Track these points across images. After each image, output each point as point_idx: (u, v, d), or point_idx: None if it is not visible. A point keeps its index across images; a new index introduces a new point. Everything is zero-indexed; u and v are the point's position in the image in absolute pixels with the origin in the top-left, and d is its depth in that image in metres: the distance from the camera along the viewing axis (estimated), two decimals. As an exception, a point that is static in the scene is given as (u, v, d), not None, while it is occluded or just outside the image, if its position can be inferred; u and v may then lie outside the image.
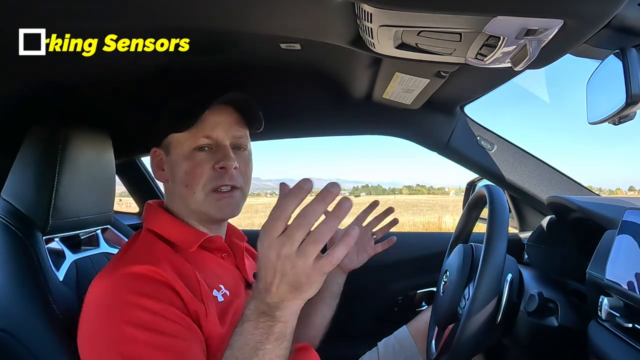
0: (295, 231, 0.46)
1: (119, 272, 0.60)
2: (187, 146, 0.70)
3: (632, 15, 0.58)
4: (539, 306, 0.70)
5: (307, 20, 0.60)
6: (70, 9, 0.54)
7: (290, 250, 0.46)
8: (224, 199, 0.71)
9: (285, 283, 0.47)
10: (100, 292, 0.60)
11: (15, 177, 0.75)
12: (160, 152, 0.75)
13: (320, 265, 0.46)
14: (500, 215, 0.73)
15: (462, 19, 0.49)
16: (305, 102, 1.16)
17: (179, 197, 0.73)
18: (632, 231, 0.58)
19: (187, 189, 0.70)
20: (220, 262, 0.74)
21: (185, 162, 0.70)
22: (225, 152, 0.71)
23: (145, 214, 0.75)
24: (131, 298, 0.57)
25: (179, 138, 0.71)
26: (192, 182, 0.70)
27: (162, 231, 0.71)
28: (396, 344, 1.02)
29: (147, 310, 0.56)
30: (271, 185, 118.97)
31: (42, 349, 0.65)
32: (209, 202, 0.70)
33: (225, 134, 0.72)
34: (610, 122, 0.65)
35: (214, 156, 0.71)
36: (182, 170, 0.70)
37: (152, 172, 0.77)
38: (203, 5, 0.55)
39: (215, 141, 0.71)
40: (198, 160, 0.70)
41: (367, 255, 0.94)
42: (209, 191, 0.70)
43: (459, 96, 1.09)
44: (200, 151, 0.70)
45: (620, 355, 0.54)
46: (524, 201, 1.23)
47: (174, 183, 0.72)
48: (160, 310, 0.57)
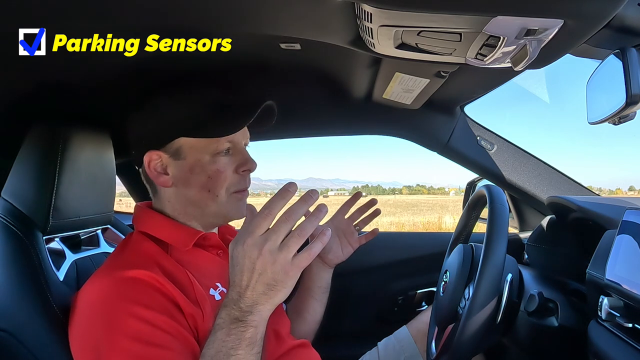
0: (281, 225, 0.51)
1: (112, 276, 0.60)
2: (210, 151, 0.69)
3: (632, 15, 0.58)
4: (539, 306, 0.70)
5: (307, 20, 0.60)
6: (67, 9, 0.54)
7: (274, 245, 0.51)
8: (243, 198, 0.72)
9: (262, 283, 0.51)
10: (93, 297, 0.59)
11: (15, 177, 0.75)
12: (161, 154, 0.70)
13: (299, 260, 0.52)
14: (500, 215, 0.73)
15: (462, 19, 0.49)
16: (305, 102, 1.16)
17: (190, 202, 0.70)
18: (632, 231, 0.58)
19: (208, 193, 0.69)
20: (217, 259, 0.74)
21: (209, 166, 0.69)
22: (245, 155, 0.72)
23: (135, 217, 0.74)
24: (124, 306, 0.57)
25: (195, 143, 0.69)
26: (216, 186, 0.69)
27: (156, 232, 0.70)
28: (396, 344, 1.02)
29: (139, 319, 0.56)
30: (271, 185, 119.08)
31: (42, 349, 0.65)
32: (231, 204, 0.71)
33: (242, 136, 0.73)
34: (610, 122, 0.65)
35: (234, 159, 0.71)
36: (205, 176, 0.68)
37: (148, 176, 0.71)
38: (203, 5, 0.55)
39: (234, 144, 0.72)
40: (222, 165, 0.69)
41: (352, 248, 0.93)
42: (231, 193, 0.70)
43: (459, 96, 1.09)
44: (221, 155, 0.70)
45: (620, 355, 0.54)
46: (524, 201, 1.23)
47: (186, 187, 0.70)
48: (152, 319, 0.56)
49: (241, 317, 0.52)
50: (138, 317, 0.56)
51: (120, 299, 0.57)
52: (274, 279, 0.51)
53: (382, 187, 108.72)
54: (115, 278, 0.59)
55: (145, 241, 0.68)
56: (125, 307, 0.56)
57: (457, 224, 1.04)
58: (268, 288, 0.52)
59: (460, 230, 1.02)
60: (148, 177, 0.72)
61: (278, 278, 0.51)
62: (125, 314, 0.56)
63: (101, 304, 0.58)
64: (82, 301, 0.60)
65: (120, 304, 0.57)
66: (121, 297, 0.57)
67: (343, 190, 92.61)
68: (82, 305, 0.60)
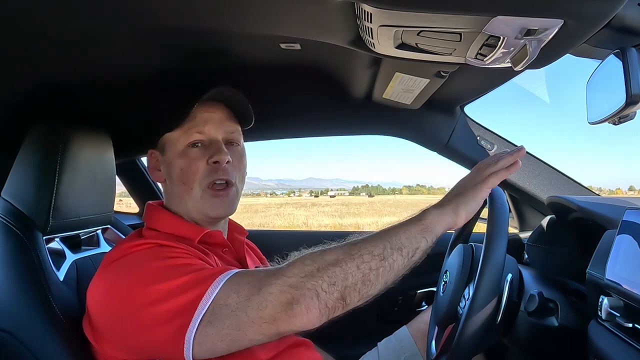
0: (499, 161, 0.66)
1: (125, 251, 0.62)
2: (181, 143, 0.71)
3: (632, 15, 0.58)
4: (539, 306, 0.70)
5: (307, 20, 0.60)
6: (67, 10, 0.54)
7: (488, 171, 0.65)
8: (219, 196, 0.71)
9: (462, 187, 0.65)
10: (109, 274, 0.61)
11: (15, 177, 0.75)
12: (156, 153, 0.75)
13: (491, 181, 0.65)
14: (500, 215, 0.73)
15: (462, 19, 0.49)
16: (305, 102, 1.16)
17: (176, 196, 0.73)
18: (632, 231, 0.58)
19: (184, 186, 0.71)
20: (222, 256, 0.74)
21: (180, 159, 0.71)
22: (218, 147, 0.71)
23: (146, 214, 0.75)
24: (146, 260, 0.59)
25: (173, 137, 0.72)
26: (188, 178, 0.70)
27: (164, 228, 0.71)
28: (396, 344, 1.02)
29: (165, 257, 0.59)
30: (271, 185, 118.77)
31: (43, 349, 0.65)
32: (205, 200, 0.71)
33: (217, 129, 0.73)
34: (610, 122, 0.65)
35: (207, 151, 0.71)
36: (178, 168, 0.71)
37: (149, 174, 0.78)
38: (203, 5, 0.55)
39: (207, 137, 0.72)
40: (192, 157, 0.71)
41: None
42: (205, 187, 0.71)
43: (459, 96, 1.09)
44: (193, 147, 0.71)
45: (620, 355, 0.54)
46: (524, 201, 1.23)
47: (171, 182, 0.73)
48: (180, 253, 0.61)
49: (440, 207, 0.63)
50: (166, 258, 0.59)
51: (144, 259, 0.60)
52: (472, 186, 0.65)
53: (382, 187, 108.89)
54: (134, 247, 0.62)
55: (157, 234, 0.70)
56: (150, 261, 0.59)
57: (457, 224, 1.04)
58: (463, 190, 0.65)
59: (460, 230, 1.02)
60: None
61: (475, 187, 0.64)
62: (152, 261, 0.59)
63: (125, 268, 0.60)
64: (99, 287, 0.62)
65: (145, 261, 0.60)
66: (144, 257, 0.60)
67: (343, 190, 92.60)
68: (97, 291, 0.61)
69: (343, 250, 0.56)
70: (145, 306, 0.55)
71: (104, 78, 0.81)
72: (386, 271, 0.57)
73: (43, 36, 0.61)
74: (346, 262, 0.55)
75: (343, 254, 0.56)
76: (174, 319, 0.54)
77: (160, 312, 0.54)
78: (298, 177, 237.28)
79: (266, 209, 24.84)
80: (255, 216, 18.85)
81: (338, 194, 61.52)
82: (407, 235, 0.59)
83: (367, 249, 0.56)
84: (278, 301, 0.53)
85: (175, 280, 0.55)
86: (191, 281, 0.55)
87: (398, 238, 0.58)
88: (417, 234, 0.60)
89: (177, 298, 0.54)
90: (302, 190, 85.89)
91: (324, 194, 65.62)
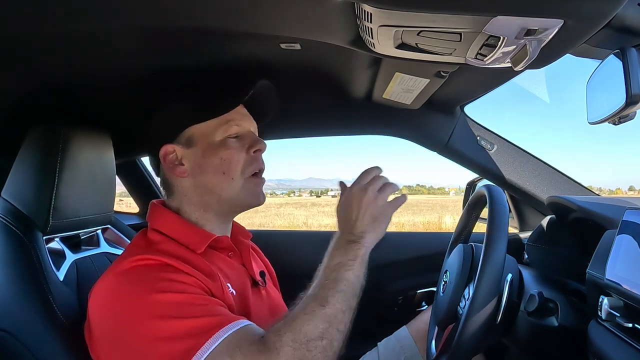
0: (379, 180, 0.69)
1: (132, 263, 0.61)
2: (220, 134, 0.71)
3: (632, 15, 0.58)
4: (539, 306, 0.70)
5: (307, 20, 0.60)
6: (67, 9, 0.54)
7: (375, 189, 0.68)
8: (261, 184, 0.74)
9: (368, 215, 0.66)
10: (113, 285, 0.60)
11: (15, 177, 0.75)
12: (175, 147, 0.72)
13: (392, 203, 0.69)
14: (500, 215, 0.73)
15: (462, 19, 0.49)
16: (305, 102, 1.16)
17: (205, 189, 0.71)
18: (632, 231, 0.58)
19: (224, 176, 0.70)
20: (228, 260, 0.74)
21: (220, 149, 0.70)
22: (255, 137, 0.75)
23: (150, 214, 0.74)
24: (152, 284, 0.58)
25: (206, 129, 0.71)
26: (230, 168, 0.70)
27: (169, 232, 0.69)
28: (396, 344, 1.02)
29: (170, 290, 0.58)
30: (271, 185, 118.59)
31: (43, 349, 0.65)
32: (247, 189, 0.72)
33: (250, 124, 0.76)
34: (610, 122, 0.65)
35: (243, 142, 0.73)
36: (218, 158, 0.70)
37: (165, 173, 0.74)
38: (203, 5, 0.55)
39: (244, 130, 0.74)
40: (233, 147, 0.71)
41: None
42: (248, 176, 0.72)
43: (459, 96, 1.09)
44: (231, 138, 0.72)
45: (620, 355, 0.54)
46: (524, 201, 1.23)
47: (203, 174, 0.71)
48: (186, 284, 0.60)
49: (355, 240, 0.65)
50: (170, 288, 0.58)
51: (146, 281, 0.59)
52: (377, 212, 0.67)
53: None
54: (135, 265, 0.61)
55: (162, 238, 0.69)
56: (154, 285, 0.58)
57: (457, 224, 1.04)
58: (372, 220, 0.66)
59: (460, 230, 1.02)
60: (165, 175, 0.74)
61: (379, 212, 0.67)
62: (156, 291, 0.57)
63: (127, 288, 0.59)
64: (102, 295, 0.61)
65: (147, 283, 0.58)
66: (147, 279, 0.59)
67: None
68: (104, 296, 0.60)
69: (321, 319, 0.58)
70: (146, 339, 0.55)
71: (104, 78, 0.81)
72: (350, 313, 0.62)
73: (43, 36, 0.61)
74: (329, 332, 0.58)
75: (322, 322, 0.58)
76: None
77: (156, 352, 0.54)
78: (298, 177, 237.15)
79: (266, 209, 24.83)
80: (255, 216, 18.84)
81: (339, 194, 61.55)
82: (355, 275, 0.64)
83: (339, 308, 0.60)
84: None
85: (178, 321, 0.55)
86: (191, 330, 0.55)
87: (353, 285, 0.63)
88: (361, 271, 0.65)
89: (176, 343, 0.54)
90: (302, 190, 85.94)
91: (324, 193, 65.62)
